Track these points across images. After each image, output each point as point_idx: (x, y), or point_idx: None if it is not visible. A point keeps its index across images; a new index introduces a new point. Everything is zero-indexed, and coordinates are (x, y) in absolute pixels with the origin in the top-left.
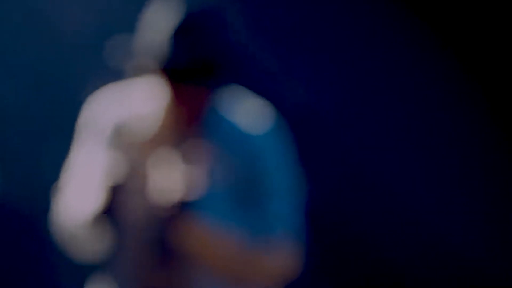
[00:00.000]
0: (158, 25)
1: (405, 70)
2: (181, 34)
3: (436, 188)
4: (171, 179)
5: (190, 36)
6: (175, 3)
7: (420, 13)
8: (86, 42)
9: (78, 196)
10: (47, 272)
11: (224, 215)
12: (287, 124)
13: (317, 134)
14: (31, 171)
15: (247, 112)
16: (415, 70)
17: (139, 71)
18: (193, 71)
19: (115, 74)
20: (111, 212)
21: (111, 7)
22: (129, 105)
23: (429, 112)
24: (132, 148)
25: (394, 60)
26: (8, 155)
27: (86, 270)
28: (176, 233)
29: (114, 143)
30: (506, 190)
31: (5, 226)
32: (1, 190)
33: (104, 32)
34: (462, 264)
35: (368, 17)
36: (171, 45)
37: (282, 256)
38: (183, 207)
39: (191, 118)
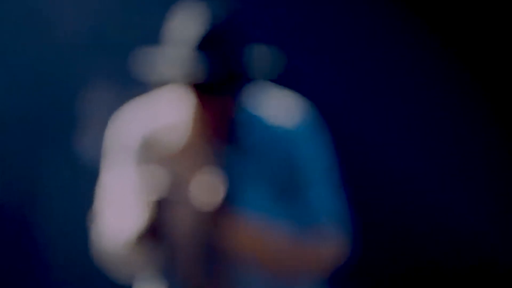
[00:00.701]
0: (183, 37)
1: (408, 69)
2: (208, 45)
3: (453, 180)
4: (208, 186)
5: (217, 46)
6: (199, 14)
7: (424, 13)
8: (83, 42)
9: (117, 216)
10: (42, 274)
11: (268, 210)
12: (318, 113)
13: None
14: (27, 171)
15: (276, 105)
16: (417, 69)
17: (165, 83)
18: (221, 80)
19: (139, 86)
20: (155, 227)
21: (107, 7)
22: (157, 117)
23: (433, 106)
24: (165, 160)
25: (395, 60)
26: (4, 155)
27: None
28: (223, 235)
29: (145, 157)
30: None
31: (2, 227)
32: None
33: (100, 33)
34: (475, 248)
35: (373, 16)
36: (199, 56)
37: (329, 245)
38: (226, 209)
39: (220, 124)
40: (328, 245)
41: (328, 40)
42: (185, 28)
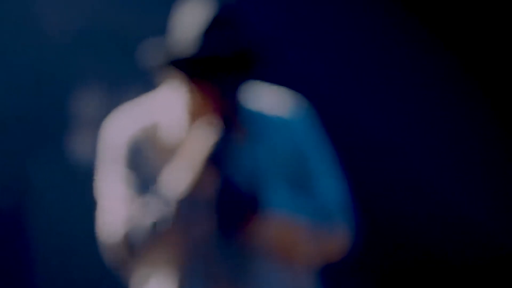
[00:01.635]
0: (190, 22)
1: (409, 65)
2: (216, 30)
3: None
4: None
5: (225, 31)
6: (204, 1)
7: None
8: (79, 43)
9: (118, 217)
10: (34, 274)
11: (285, 202)
12: (315, 110)
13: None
14: (21, 172)
15: (274, 100)
16: (419, 64)
17: (170, 74)
18: (226, 68)
19: (136, 86)
20: (173, 223)
21: (104, 8)
22: (156, 114)
23: (432, 101)
24: (169, 157)
25: (395, 56)
26: None
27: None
28: (244, 229)
29: (146, 156)
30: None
31: None
32: None
33: (97, 33)
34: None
35: (374, 13)
36: (206, 42)
37: (338, 235)
38: (246, 203)
39: (224, 116)
40: (337, 236)
41: (329, 37)
42: (189, 14)
